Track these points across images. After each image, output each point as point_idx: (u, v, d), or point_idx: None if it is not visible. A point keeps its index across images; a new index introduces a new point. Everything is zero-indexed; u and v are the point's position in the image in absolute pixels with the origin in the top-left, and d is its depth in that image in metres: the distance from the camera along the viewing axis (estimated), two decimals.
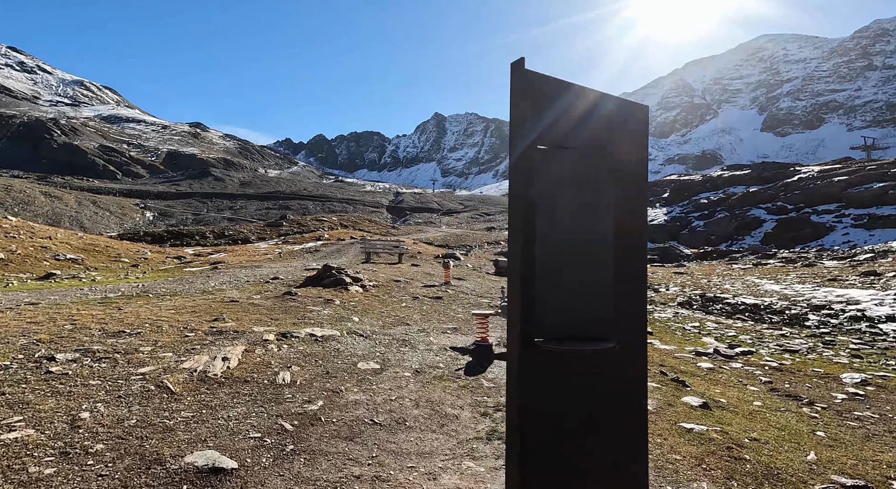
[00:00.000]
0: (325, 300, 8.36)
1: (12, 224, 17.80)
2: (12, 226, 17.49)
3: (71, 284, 10.99)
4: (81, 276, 12.97)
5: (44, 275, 12.42)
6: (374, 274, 13.30)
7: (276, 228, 48.97)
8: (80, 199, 79.74)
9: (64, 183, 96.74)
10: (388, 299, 9.69)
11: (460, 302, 10.67)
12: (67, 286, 10.48)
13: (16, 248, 14.72)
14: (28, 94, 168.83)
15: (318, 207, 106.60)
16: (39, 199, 72.54)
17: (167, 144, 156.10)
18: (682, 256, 28.93)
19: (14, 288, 10.19)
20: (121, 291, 8.30)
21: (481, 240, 54.87)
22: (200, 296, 7.94)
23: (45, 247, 16.27)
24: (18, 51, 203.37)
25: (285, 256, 24.00)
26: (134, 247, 24.26)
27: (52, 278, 12.21)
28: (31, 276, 12.41)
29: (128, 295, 7.93)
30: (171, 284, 9.59)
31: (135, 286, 8.86)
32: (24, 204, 69.45)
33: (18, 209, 66.79)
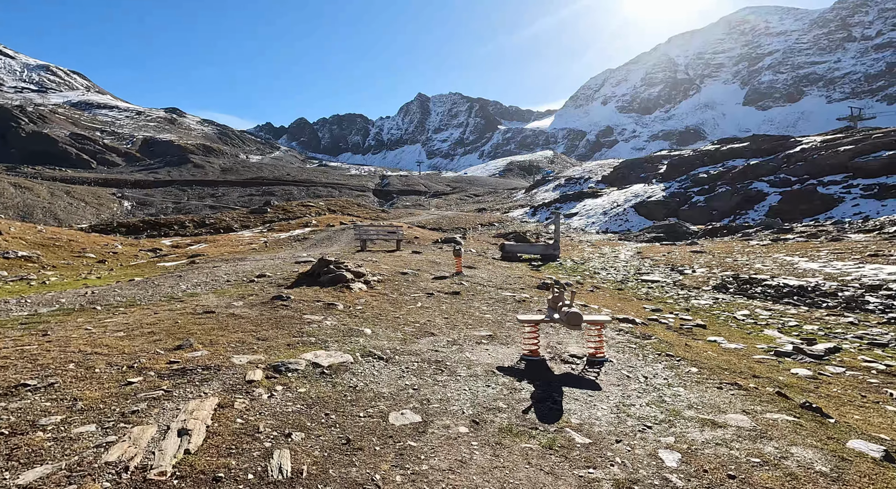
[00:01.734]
0: (326, 305, 6.72)
1: None
2: None
3: (10, 290, 9.14)
4: (31, 278, 11.07)
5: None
6: (375, 265, 11.64)
7: (261, 215, 46.64)
8: (52, 190, 75.86)
9: (35, 173, 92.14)
10: (400, 298, 8.08)
11: (481, 297, 9.12)
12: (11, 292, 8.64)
13: None
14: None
15: (303, 192, 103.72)
16: (9, 190, 68.62)
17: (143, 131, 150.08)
18: (690, 233, 27.77)
19: None
20: (60, 302, 6.52)
21: (474, 221, 53.27)
22: (166, 306, 6.23)
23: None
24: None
25: (272, 246, 22.15)
26: (103, 240, 22.13)
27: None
28: None
29: (68, 308, 6.17)
30: (133, 288, 7.82)
31: (83, 294, 7.09)
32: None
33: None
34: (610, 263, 17.56)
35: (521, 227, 51.12)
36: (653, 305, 10.73)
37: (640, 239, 29.59)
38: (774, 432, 3.60)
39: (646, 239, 28.99)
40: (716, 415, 3.89)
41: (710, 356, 6.31)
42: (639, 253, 19.81)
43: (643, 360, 5.57)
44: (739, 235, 23.07)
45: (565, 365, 5.18)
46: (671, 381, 4.82)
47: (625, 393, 4.35)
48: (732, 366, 5.77)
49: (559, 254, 19.15)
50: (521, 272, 13.89)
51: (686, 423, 3.69)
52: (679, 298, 11.72)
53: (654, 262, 17.00)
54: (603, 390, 4.38)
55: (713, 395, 4.46)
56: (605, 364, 5.25)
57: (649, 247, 22.38)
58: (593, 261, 18.50)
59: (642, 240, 29.17)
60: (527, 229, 45.66)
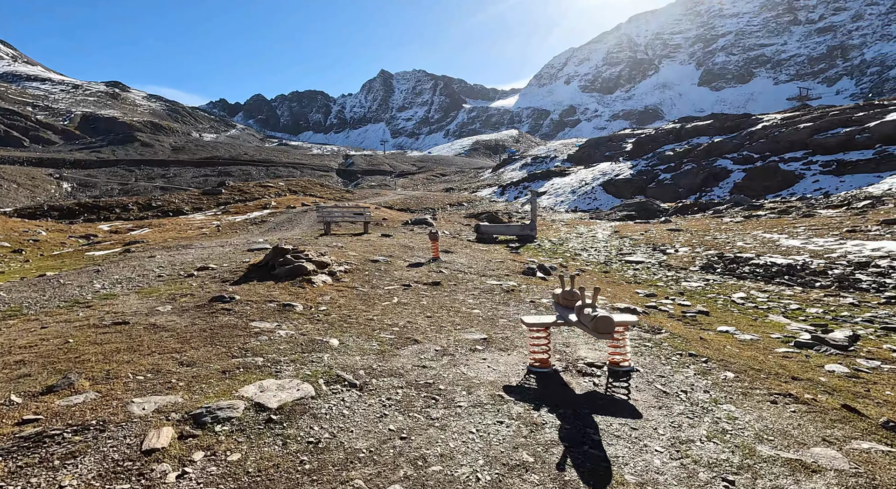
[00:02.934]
0: (281, 306, 5.42)
1: None
2: None
3: None
4: None
5: None
6: (341, 252, 10.29)
7: (215, 197, 43.43)
8: None
9: None
10: (372, 293, 6.86)
11: (465, 287, 8.03)
12: None
13: None
14: None
15: (262, 173, 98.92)
16: None
17: (81, 106, 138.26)
18: (661, 211, 27.68)
19: None
20: None
21: (443, 201, 51.97)
22: (63, 316, 4.75)
23: None
24: None
25: (225, 230, 20.19)
26: (26, 225, 19.46)
27: None
28: None
29: None
30: (28, 289, 6.17)
31: None
32: None
33: None
34: (589, 243, 16.88)
35: (490, 206, 50.33)
36: (645, 289, 10.01)
37: (612, 217, 29.34)
38: (883, 476, 2.73)
39: (617, 217, 28.74)
40: (800, 452, 2.98)
41: (732, 353, 5.51)
42: (616, 232, 19.29)
43: (668, 365, 4.66)
44: (711, 213, 23.02)
45: (584, 378, 4.17)
46: (715, 395, 3.92)
47: (672, 420, 3.38)
48: (764, 366, 4.97)
49: (536, 234, 18.32)
50: (500, 256, 12.89)
51: (771, 469, 2.76)
52: (669, 281, 11.08)
53: (634, 242, 16.44)
54: (645, 417, 3.40)
55: (773, 415, 3.57)
56: (633, 374, 4.29)
57: (624, 226, 21.96)
58: (571, 241, 17.79)
59: (614, 218, 28.91)
60: (497, 208, 44.87)
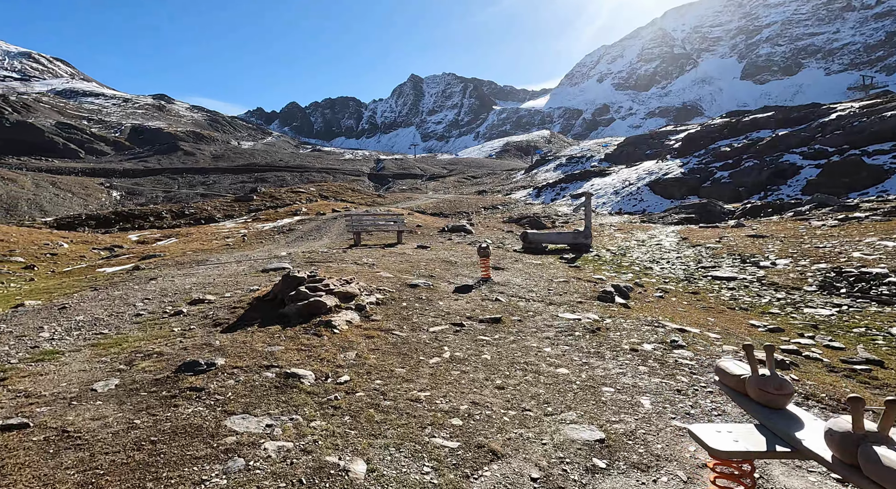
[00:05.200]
0: (282, 378, 3.58)
1: None
2: None
3: None
4: None
5: None
6: (372, 271, 8.49)
7: (246, 203, 43.14)
8: (37, 181, 72.03)
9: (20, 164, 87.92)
10: (414, 339, 4.97)
11: (534, 324, 6.03)
12: None
13: None
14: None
15: (297, 178, 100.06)
16: None
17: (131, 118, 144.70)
18: (725, 213, 24.68)
19: None
20: None
21: (477, 205, 49.99)
22: None
23: None
24: None
25: (251, 240, 18.96)
26: (50, 237, 18.84)
27: None
28: None
29: None
30: None
31: None
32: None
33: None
34: (657, 253, 14.48)
35: (527, 209, 47.93)
36: (759, 319, 7.71)
37: (668, 221, 26.51)
38: None
39: (674, 220, 25.92)
40: None
41: None
42: (684, 239, 16.72)
43: None
44: (791, 214, 19.99)
45: None
46: None
47: None
48: None
49: (591, 242, 16.05)
50: (560, 272, 10.79)
51: None
52: (784, 306, 8.67)
53: (713, 252, 13.92)
54: None
55: None
56: None
57: (689, 231, 19.29)
58: (633, 250, 15.41)
59: (670, 221, 26.10)
60: (535, 211, 42.46)
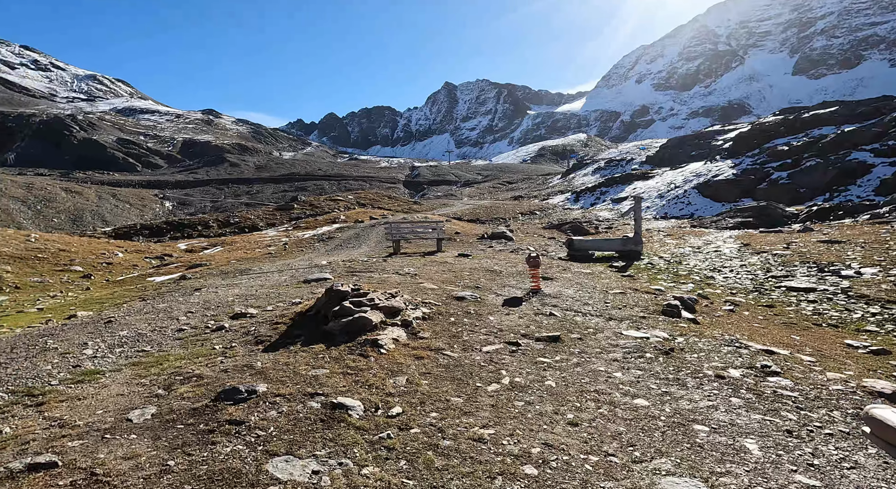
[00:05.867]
0: (328, 410, 3.21)
1: None
2: None
3: None
4: None
5: None
6: (415, 282, 8.12)
7: (287, 212, 44.24)
8: (100, 193, 77.15)
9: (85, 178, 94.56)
10: (468, 362, 4.51)
11: (596, 343, 5.43)
12: None
13: None
14: (45, 92, 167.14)
15: (334, 187, 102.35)
16: (60, 195, 69.95)
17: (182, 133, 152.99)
18: (787, 216, 22.84)
19: None
20: None
21: (514, 210, 49.10)
22: None
23: None
24: (31, 49, 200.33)
25: (291, 248, 19.13)
26: (108, 246, 19.72)
27: None
28: None
29: None
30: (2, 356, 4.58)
31: None
32: (46, 201, 67.05)
33: (41, 207, 64.32)
34: (717, 261, 13.38)
35: (565, 214, 46.66)
36: (855, 338, 6.74)
37: (721, 225, 24.87)
38: None
39: (729, 225, 24.27)
40: None
41: None
42: (746, 245, 15.44)
43: None
44: (867, 217, 18.17)
45: None
46: None
47: None
48: None
49: (642, 249, 15.09)
50: (613, 282, 10.05)
51: None
52: (882, 322, 7.60)
53: (783, 259, 12.69)
54: None
55: None
56: None
57: (749, 236, 17.87)
58: (689, 257, 14.34)
59: (724, 226, 24.46)
60: (574, 216, 41.25)
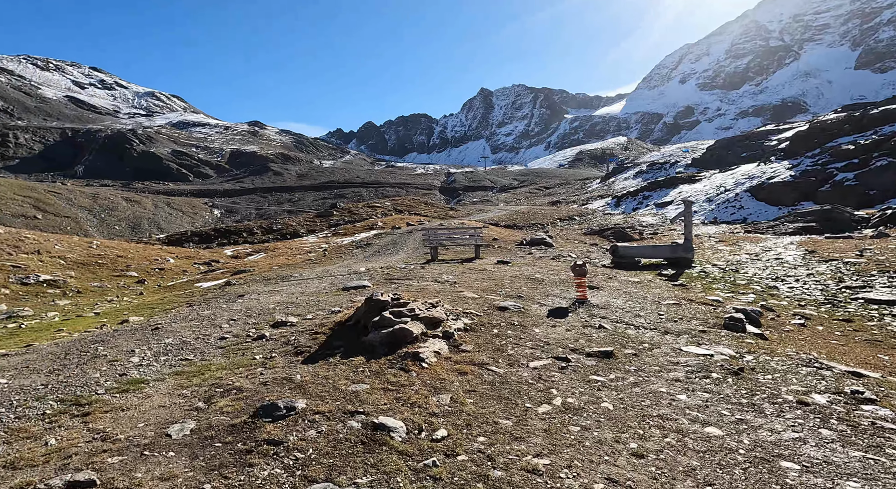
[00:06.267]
0: (369, 430, 3.01)
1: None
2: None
3: None
4: (22, 315, 8.72)
5: None
6: (454, 291, 7.88)
7: (327, 219, 45.29)
8: (156, 202, 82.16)
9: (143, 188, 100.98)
10: (514, 379, 4.21)
11: (653, 359, 4.99)
12: None
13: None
14: (110, 109, 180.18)
15: (372, 193, 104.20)
16: (122, 204, 75.01)
17: (230, 144, 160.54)
18: (856, 220, 21.02)
19: None
20: None
21: (552, 216, 48.09)
22: (17, 447, 2.87)
23: (20, 266, 12.48)
24: (99, 70, 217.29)
25: (331, 254, 19.41)
26: (161, 252, 20.71)
27: None
28: None
29: None
30: (54, 362, 4.63)
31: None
32: (109, 210, 71.93)
33: (104, 215, 69.11)
34: (779, 270, 12.37)
35: (605, 219, 45.23)
36: None
37: (779, 230, 23.23)
38: None
39: (788, 230, 22.63)
40: None
41: None
42: (811, 252, 14.22)
43: None
44: None
45: None
46: None
47: None
48: None
49: (694, 256, 14.22)
50: (665, 292, 9.43)
51: None
52: None
53: (856, 268, 11.56)
54: None
55: None
56: None
57: (811, 242, 16.52)
58: (747, 265, 13.35)
59: (782, 231, 22.83)
60: (615, 222, 39.84)
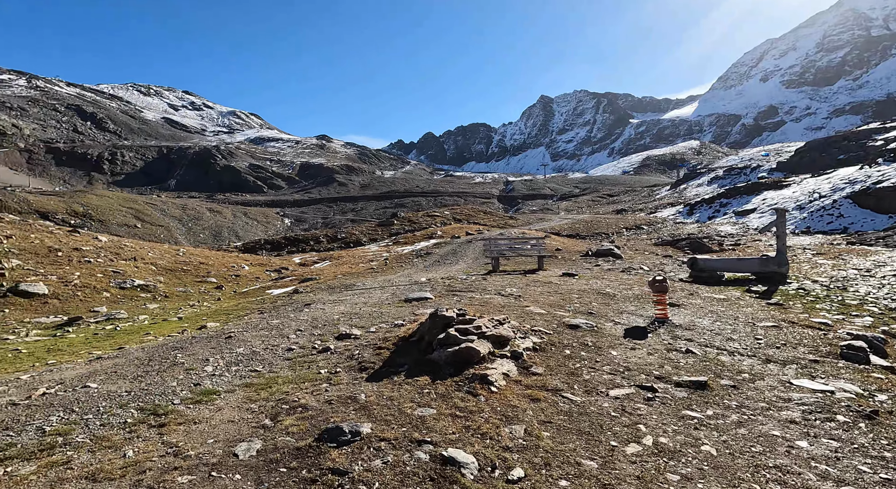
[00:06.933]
0: (439, 464, 2.76)
1: (99, 245, 16.02)
2: (97, 247, 15.62)
3: (69, 343, 7.25)
4: (119, 317, 9.53)
5: (66, 322, 9.16)
6: (520, 307, 7.50)
7: (388, 228, 46.40)
8: (234, 212, 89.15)
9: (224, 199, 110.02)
10: (594, 409, 3.79)
11: (756, 393, 4.31)
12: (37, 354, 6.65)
13: (77, 278, 12.19)
14: (198, 128, 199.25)
15: (431, 203, 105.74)
16: (206, 214, 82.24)
17: (300, 157, 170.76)
18: None
19: None
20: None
21: (618, 225, 45.78)
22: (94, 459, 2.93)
23: (119, 271, 13.78)
24: (190, 93, 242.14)
25: (392, 263, 19.67)
26: (237, 260, 22.13)
27: (73, 325, 8.85)
28: (55, 322, 9.27)
29: None
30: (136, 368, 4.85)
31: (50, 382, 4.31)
32: (195, 219, 79.02)
33: (191, 224, 76.02)
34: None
35: (677, 228, 42.28)
36: None
37: (891, 241, 20.32)
38: None
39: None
40: None
41: None
42: None
43: None
44: None
45: None
46: None
47: None
48: None
49: (788, 270, 12.68)
50: (755, 310, 8.39)
51: None
52: None
53: None
54: None
55: None
56: None
57: None
58: (856, 282, 11.66)
59: (895, 243, 19.94)
60: (689, 231, 37.09)
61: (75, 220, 49.60)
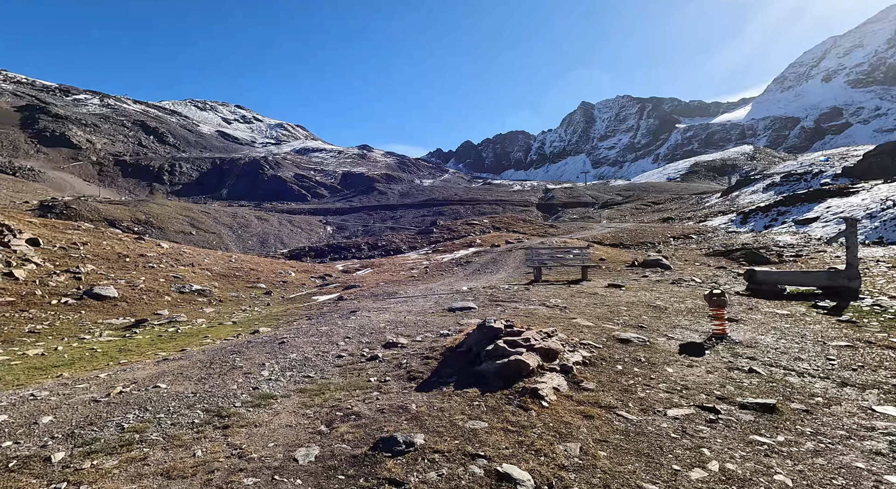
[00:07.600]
0: (492, 478, 2.75)
1: (161, 251, 17.12)
2: (159, 253, 16.71)
3: (137, 343, 7.78)
4: (179, 320, 10.12)
5: (133, 323, 9.82)
6: (566, 319, 7.34)
7: (427, 236, 46.83)
8: (280, 220, 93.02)
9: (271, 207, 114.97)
10: (651, 429, 3.64)
11: (831, 422, 3.99)
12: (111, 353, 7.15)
13: (142, 282, 13.07)
14: (248, 140, 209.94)
15: (469, 211, 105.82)
16: (254, 222, 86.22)
17: (342, 167, 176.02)
18: None
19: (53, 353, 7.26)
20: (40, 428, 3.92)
21: (664, 234, 43.97)
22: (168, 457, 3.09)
23: (178, 276, 14.66)
24: (242, 107, 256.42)
25: (432, 271, 19.80)
26: (284, 266, 22.99)
27: (140, 327, 9.48)
28: (124, 323, 9.96)
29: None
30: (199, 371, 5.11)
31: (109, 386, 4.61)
32: (244, 227, 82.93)
33: (241, 231, 79.90)
34: None
35: (729, 238, 40.08)
36: None
37: None
38: None
39: None
40: None
41: None
42: None
43: None
44: None
45: None
46: None
47: None
48: None
49: (860, 285, 11.71)
50: (823, 327, 7.79)
51: None
52: None
53: None
54: None
55: None
56: None
57: None
58: None
59: None
60: (742, 241, 35.08)
61: (138, 227, 53.38)
